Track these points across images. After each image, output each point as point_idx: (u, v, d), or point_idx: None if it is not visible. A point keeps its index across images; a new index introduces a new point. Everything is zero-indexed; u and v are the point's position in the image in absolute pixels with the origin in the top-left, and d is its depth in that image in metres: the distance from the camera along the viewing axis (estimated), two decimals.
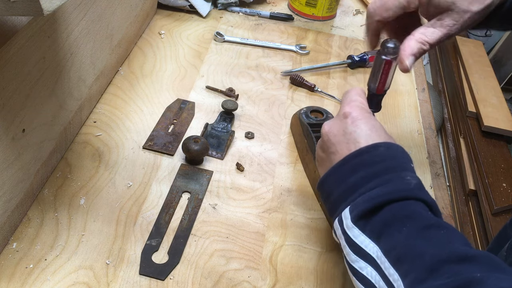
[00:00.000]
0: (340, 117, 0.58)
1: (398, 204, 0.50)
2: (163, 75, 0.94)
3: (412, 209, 0.50)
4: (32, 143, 0.62)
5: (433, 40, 0.61)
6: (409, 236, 0.47)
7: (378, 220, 0.50)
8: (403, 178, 0.52)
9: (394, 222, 0.49)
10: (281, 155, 0.82)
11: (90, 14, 0.72)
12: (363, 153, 0.54)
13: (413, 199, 0.50)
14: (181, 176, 0.74)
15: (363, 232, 0.50)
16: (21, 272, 0.59)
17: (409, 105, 0.99)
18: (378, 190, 0.51)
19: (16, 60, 0.54)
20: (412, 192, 0.51)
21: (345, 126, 0.57)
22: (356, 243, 0.50)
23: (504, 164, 1.66)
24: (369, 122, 0.57)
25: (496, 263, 0.44)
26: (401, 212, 0.49)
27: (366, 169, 0.53)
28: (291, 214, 0.72)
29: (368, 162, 0.53)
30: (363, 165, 0.53)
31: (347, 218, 0.52)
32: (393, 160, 0.54)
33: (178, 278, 0.61)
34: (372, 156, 0.54)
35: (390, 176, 0.52)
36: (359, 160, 0.54)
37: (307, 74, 1.01)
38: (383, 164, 0.53)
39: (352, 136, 0.56)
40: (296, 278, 0.64)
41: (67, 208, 0.67)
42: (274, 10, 1.21)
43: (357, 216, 0.51)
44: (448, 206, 0.80)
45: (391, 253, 0.47)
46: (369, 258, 0.49)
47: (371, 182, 0.52)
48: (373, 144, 0.54)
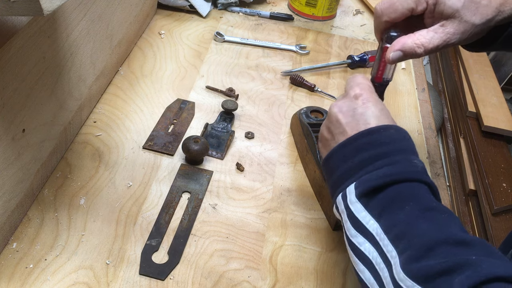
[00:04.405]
0: (350, 98, 0.59)
1: (403, 184, 0.51)
2: (163, 75, 0.94)
3: (416, 191, 0.51)
4: (32, 143, 0.62)
5: (430, 44, 0.61)
6: (410, 216, 0.48)
7: (382, 198, 0.51)
8: (410, 161, 0.53)
9: (397, 201, 0.50)
10: (281, 155, 0.82)
11: (90, 14, 0.72)
12: (373, 133, 0.55)
13: (418, 181, 0.52)
14: (181, 176, 0.74)
15: (365, 208, 0.51)
16: (21, 272, 0.59)
17: (409, 105, 0.99)
18: (385, 169, 0.52)
19: (16, 60, 0.54)
20: (418, 174, 0.52)
21: (354, 107, 0.58)
22: (357, 218, 0.51)
23: (504, 164, 1.66)
24: (379, 105, 0.58)
25: (492, 250, 0.45)
26: (405, 192, 0.51)
27: (375, 149, 0.54)
28: (291, 214, 0.72)
29: (378, 142, 0.54)
30: (372, 145, 0.54)
31: (352, 193, 0.53)
32: (402, 142, 0.55)
33: (178, 278, 0.61)
34: (382, 137, 0.55)
35: (399, 158, 0.53)
36: (368, 139, 0.55)
37: (307, 74, 1.01)
38: (392, 145, 0.54)
39: (363, 117, 0.56)
40: (296, 278, 0.64)
41: (67, 208, 0.67)
42: (274, 10, 1.21)
43: (361, 193, 0.52)
44: (448, 206, 0.80)
45: (391, 231, 0.48)
46: (368, 234, 0.50)
47: (379, 161, 0.53)
48: (384, 126, 0.55)
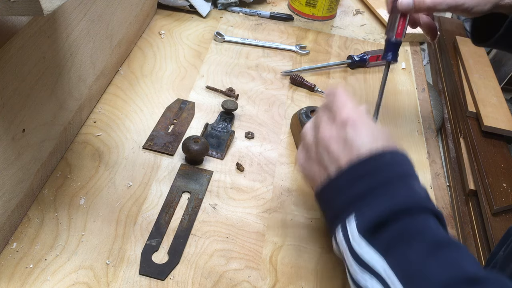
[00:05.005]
0: (338, 123, 0.55)
1: (408, 217, 0.48)
2: (163, 75, 0.94)
3: (422, 224, 0.48)
4: (32, 143, 0.62)
5: None
6: (419, 254, 0.45)
7: (387, 233, 0.47)
8: (412, 188, 0.50)
9: (404, 237, 0.47)
10: (281, 155, 0.82)
11: (90, 14, 0.72)
12: (368, 161, 0.51)
13: (422, 210, 0.49)
14: (181, 176, 0.74)
15: (370, 245, 0.48)
16: (21, 272, 0.59)
17: (409, 105, 0.99)
18: (386, 200, 0.49)
19: (16, 60, 0.54)
20: (422, 202, 0.49)
21: (345, 133, 0.54)
22: (361, 256, 0.48)
23: (504, 164, 1.66)
24: (370, 127, 0.54)
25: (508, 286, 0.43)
26: (412, 226, 0.47)
27: (372, 178, 0.50)
28: (291, 214, 0.72)
29: (374, 170, 0.51)
30: (369, 174, 0.51)
31: (353, 228, 0.49)
32: (400, 167, 0.52)
33: (178, 278, 0.61)
34: (378, 164, 0.51)
35: (398, 186, 0.50)
36: (363, 168, 0.51)
37: (307, 74, 1.01)
38: (389, 173, 0.51)
39: (355, 143, 0.53)
40: (296, 278, 0.64)
41: (67, 208, 0.67)
42: (274, 10, 1.21)
43: (364, 228, 0.48)
44: (448, 206, 0.80)
45: (400, 270, 0.45)
46: (374, 272, 0.47)
47: (378, 191, 0.50)
48: (379, 151, 0.52)
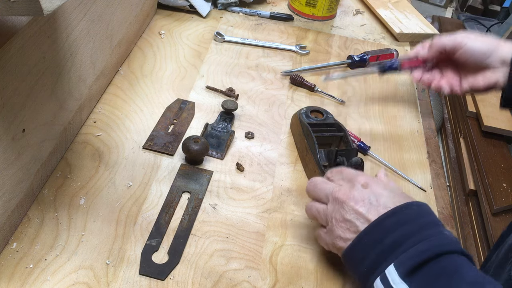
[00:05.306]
0: (359, 188, 0.59)
1: (444, 258, 0.51)
2: (163, 75, 0.94)
3: (458, 263, 0.51)
4: (32, 143, 0.62)
5: None
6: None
7: (426, 274, 0.51)
8: (442, 233, 0.54)
9: (443, 277, 0.50)
10: (281, 155, 0.82)
11: (90, 14, 0.72)
12: (397, 213, 0.55)
13: (456, 253, 0.52)
14: (181, 176, 0.74)
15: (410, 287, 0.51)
16: (21, 272, 0.59)
17: (409, 105, 0.99)
18: (423, 244, 0.52)
19: (16, 60, 0.54)
20: (454, 245, 0.53)
21: (368, 196, 0.58)
22: None
23: (504, 164, 1.66)
24: (389, 186, 0.60)
25: None
26: (449, 266, 0.51)
27: (404, 227, 0.54)
28: (291, 214, 0.72)
29: (404, 220, 0.55)
30: (400, 224, 0.54)
31: (394, 274, 0.52)
32: (428, 217, 0.56)
33: (178, 278, 0.61)
34: (407, 215, 0.55)
35: (431, 232, 0.54)
36: (394, 219, 0.55)
37: (307, 74, 1.01)
38: (420, 221, 0.55)
39: (381, 202, 0.57)
40: (296, 278, 0.64)
41: (67, 208, 0.67)
42: (274, 10, 1.21)
43: (405, 272, 0.51)
44: (448, 206, 0.80)
45: None
46: None
47: (412, 238, 0.53)
48: (405, 204, 0.56)
